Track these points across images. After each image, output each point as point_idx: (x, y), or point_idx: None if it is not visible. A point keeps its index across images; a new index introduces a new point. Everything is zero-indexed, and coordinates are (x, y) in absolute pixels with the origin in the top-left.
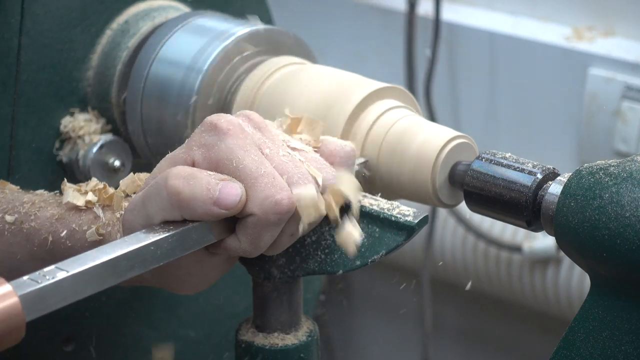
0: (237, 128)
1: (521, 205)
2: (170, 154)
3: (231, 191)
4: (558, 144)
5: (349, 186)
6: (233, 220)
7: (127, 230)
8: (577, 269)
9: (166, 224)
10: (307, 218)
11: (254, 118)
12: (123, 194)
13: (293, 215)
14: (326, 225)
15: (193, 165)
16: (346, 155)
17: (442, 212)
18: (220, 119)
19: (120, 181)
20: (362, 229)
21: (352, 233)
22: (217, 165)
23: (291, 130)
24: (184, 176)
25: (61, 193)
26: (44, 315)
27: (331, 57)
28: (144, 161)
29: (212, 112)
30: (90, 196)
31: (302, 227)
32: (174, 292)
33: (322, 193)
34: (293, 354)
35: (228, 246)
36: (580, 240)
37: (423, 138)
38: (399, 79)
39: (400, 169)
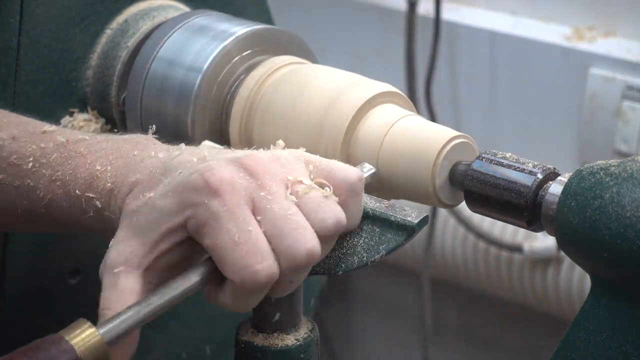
0: (226, 186)
1: (521, 206)
2: (165, 204)
3: None
4: (558, 144)
5: (352, 221)
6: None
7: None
8: (578, 269)
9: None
10: (305, 266)
11: (250, 165)
12: None
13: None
14: None
15: (185, 224)
16: (351, 186)
17: (442, 212)
18: (212, 177)
19: None
20: (362, 229)
21: None
22: (202, 228)
23: None
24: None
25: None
26: (45, 315)
27: (331, 57)
28: None
29: (212, 112)
30: None
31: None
32: None
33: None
34: (293, 354)
35: (218, 301)
36: (580, 241)
37: (423, 138)
38: (399, 79)
39: (400, 169)
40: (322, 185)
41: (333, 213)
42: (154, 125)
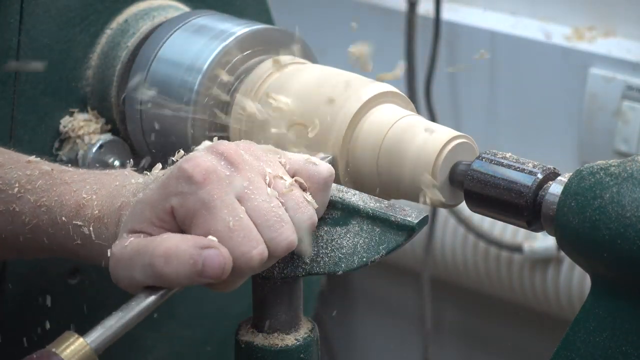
0: (211, 176)
1: (521, 206)
2: (148, 197)
3: (215, 261)
4: (558, 144)
5: (320, 212)
6: None
7: (114, 278)
8: (578, 269)
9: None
10: (280, 257)
11: (228, 154)
12: None
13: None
14: (326, 225)
15: (172, 212)
16: (323, 181)
17: (442, 212)
18: (195, 167)
19: None
20: (363, 229)
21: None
22: (194, 215)
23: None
24: (166, 255)
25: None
26: (45, 315)
27: (331, 57)
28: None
29: (212, 112)
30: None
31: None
32: None
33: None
34: (293, 354)
35: (204, 285)
36: (580, 241)
37: (423, 138)
38: (399, 79)
39: (400, 169)
40: (301, 185)
41: (310, 215)
42: (131, 160)
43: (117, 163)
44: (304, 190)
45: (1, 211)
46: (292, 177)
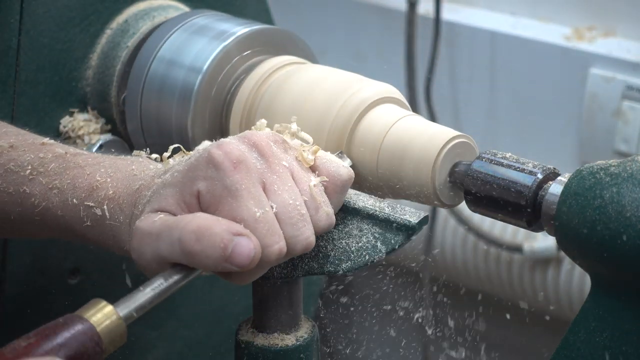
0: (241, 165)
1: (521, 206)
2: (175, 179)
3: (245, 250)
4: (558, 144)
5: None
6: None
7: (136, 254)
8: (578, 269)
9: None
10: (296, 255)
11: (260, 144)
12: None
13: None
14: None
15: (198, 196)
16: (342, 184)
17: (442, 212)
18: (226, 154)
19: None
20: (363, 229)
21: None
22: (220, 201)
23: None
24: (198, 232)
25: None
26: (45, 315)
27: (331, 57)
28: None
29: (212, 112)
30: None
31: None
32: None
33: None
34: (293, 354)
35: (223, 274)
36: (580, 241)
37: (423, 138)
38: (399, 79)
39: (400, 169)
40: (324, 185)
41: (329, 216)
42: (147, 149)
43: None
44: (324, 188)
45: (10, 192)
46: (315, 172)
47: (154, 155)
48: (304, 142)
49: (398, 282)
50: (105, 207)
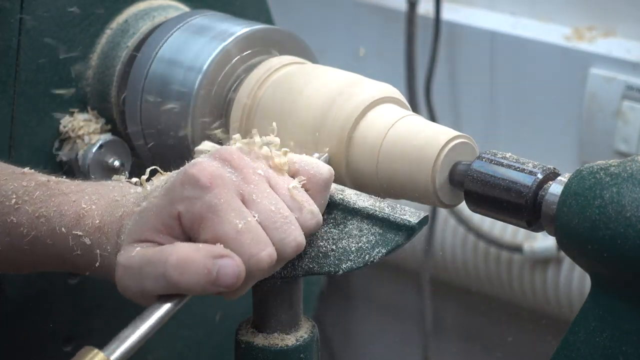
0: (217, 180)
1: (521, 206)
2: (153, 204)
3: (229, 271)
4: (558, 144)
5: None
6: None
7: (121, 288)
8: (578, 269)
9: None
10: (290, 258)
11: (231, 158)
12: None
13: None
14: (326, 225)
15: (179, 218)
16: (323, 182)
17: (442, 212)
18: (201, 172)
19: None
20: (363, 229)
21: None
22: (201, 220)
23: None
24: (179, 265)
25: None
26: (45, 315)
27: (331, 57)
28: (143, 161)
29: (211, 112)
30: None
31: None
32: None
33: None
34: (293, 354)
35: (213, 292)
36: (580, 241)
37: (423, 138)
38: (399, 79)
39: (400, 169)
40: (303, 186)
41: (314, 214)
42: (126, 172)
43: (117, 163)
44: (306, 190)
45: None
46: (293, 177)
47: (134, 180)
48: (271, 146)
49: (398, 282)
50: (92, 237)
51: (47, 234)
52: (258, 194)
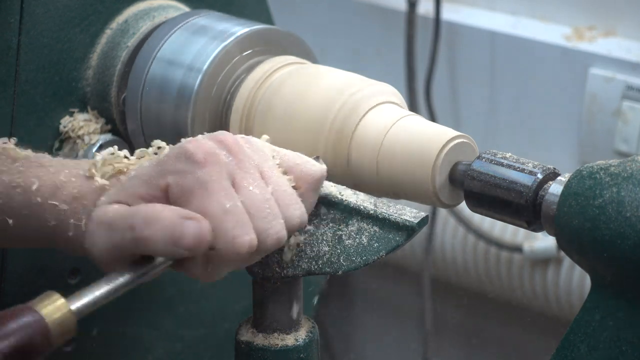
0: (212, 158)
1: (521, 206)
2: (145, 172)
3: (191, 231)
4: (558, 144)
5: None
6: None
7: (89, 243)
8: (578, 269)
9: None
10: (268, 252)
11: (228, 143)
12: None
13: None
14: (325, 225)
15: (166, 190)
16: (315, 182)
17: (442, 212)
18: (197, 148)
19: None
20: (363, 229)
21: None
22: (190, 194)
23: None
24: (147, 217)
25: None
26: None
27: (331, 57)
28: None
29: (212, 112)
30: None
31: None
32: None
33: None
34: (293, 354)
35: (187, 269)
36: (581, 241)
37: (423, 138)
38: (399, 79)
39: (400, 169)
40: (297, 184)
41: (301, 213)
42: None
43: None
44: (296, 189)
45: None
46: (285, 174)
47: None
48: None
49: (398, 282)
50: (69, 206)
51: (22, 204)
52: (249, 181)
